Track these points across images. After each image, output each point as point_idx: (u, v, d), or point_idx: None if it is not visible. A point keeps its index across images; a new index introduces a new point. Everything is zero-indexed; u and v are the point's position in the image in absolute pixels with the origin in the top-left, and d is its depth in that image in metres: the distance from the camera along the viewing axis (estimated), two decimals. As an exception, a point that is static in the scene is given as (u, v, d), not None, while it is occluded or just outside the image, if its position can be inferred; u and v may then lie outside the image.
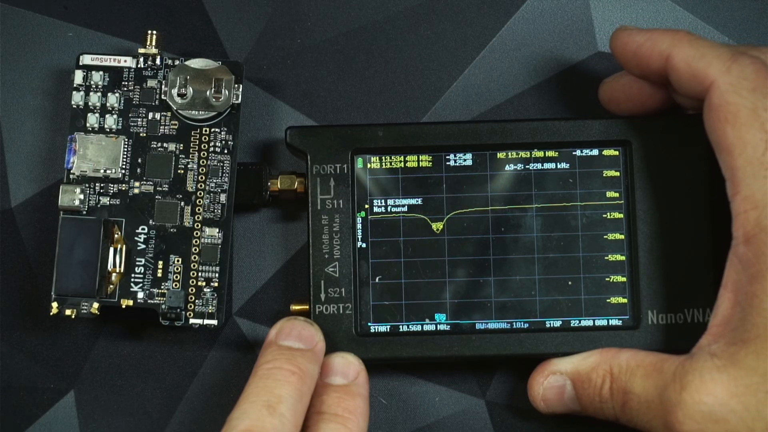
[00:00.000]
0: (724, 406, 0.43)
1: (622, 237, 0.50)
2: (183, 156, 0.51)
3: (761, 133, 0.43)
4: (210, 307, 0.50)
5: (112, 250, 0.50)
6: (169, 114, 0.51)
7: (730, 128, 0.44)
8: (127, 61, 0.51)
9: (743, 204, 0.44)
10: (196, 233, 0.50)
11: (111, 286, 0.50)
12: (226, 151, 0.51)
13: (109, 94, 0.51)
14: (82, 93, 0.51)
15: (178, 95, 0.51)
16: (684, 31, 0.47)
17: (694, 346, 0.45)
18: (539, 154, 0.51)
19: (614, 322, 0.50)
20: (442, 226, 0.51)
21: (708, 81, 0.45)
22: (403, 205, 0.51)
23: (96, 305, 0.49)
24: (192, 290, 0.50)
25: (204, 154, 0.51)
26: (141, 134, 0.51)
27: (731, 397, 0.43)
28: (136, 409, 0.53)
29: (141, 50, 0.51)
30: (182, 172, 0.51)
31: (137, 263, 0.50)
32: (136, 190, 0.51)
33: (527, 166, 0.51)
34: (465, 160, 0.51)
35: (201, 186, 0.51)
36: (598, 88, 0.51)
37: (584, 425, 0.50)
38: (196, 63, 0.51)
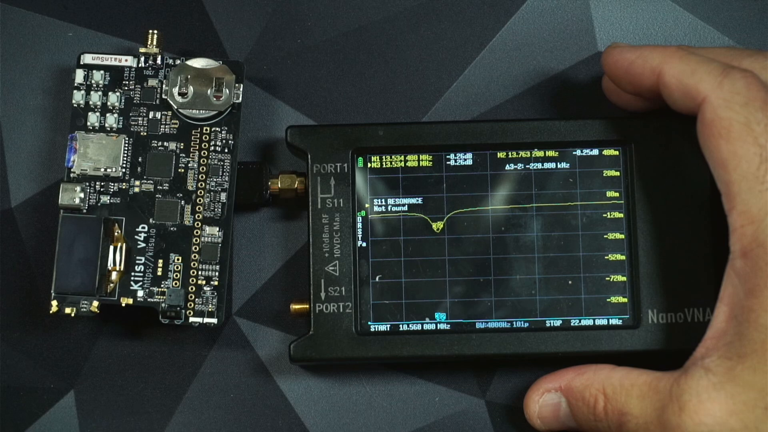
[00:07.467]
0: (724, 425, 0.42)
1: (622, 237, 0.50)
2: (183, 155, 0.51)
3: (755, 147, 0.43)
4: (210, 306, 0.50)
5: (112, 248, 0.50)
6: (169, 113, 0.51)
7: (723, 143, 0.44)
8: (128, 61, 0.51)
9: (740, 219, 0.44)
10: (197, 232, 0.50)
11: (111, 285, 0.50)
12: (226, 151, 0.51)
13: (109, 93, 0.51)
14: (83, 92, 0.51)
15: (179, 94, 0.51)
16: (675, 47, 0.47)
17: (693, 347, 0.45)
18: (539, 153, 0.51)
19: (614, 321, 0.50)
20: (442, 226, 0.51)
21: (700, 97, 0.45)
22: (404, 205, 0.51)
23: (96, 303, 0.49)
24: (192, 289, 0.50)
25: (204, 153, 0.51)
26: (142, 133, 0.51)
27: (730, 415, 0.42)
28: (136, 409, 0.52)
29: (142, 49, 0.51)
30: (183, 171, 0.51)
31: (137, 262, 0.50)
32: (137, 189, 0.51)
33: (527, 166, 0.51)
34: (465, 159, 0.51)
35: (201, 185, 0.51)
36: (602, 79, 0.51)
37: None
38: (196, 62, 0.51)
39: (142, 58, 0.51)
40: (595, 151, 0.51)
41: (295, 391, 0.53)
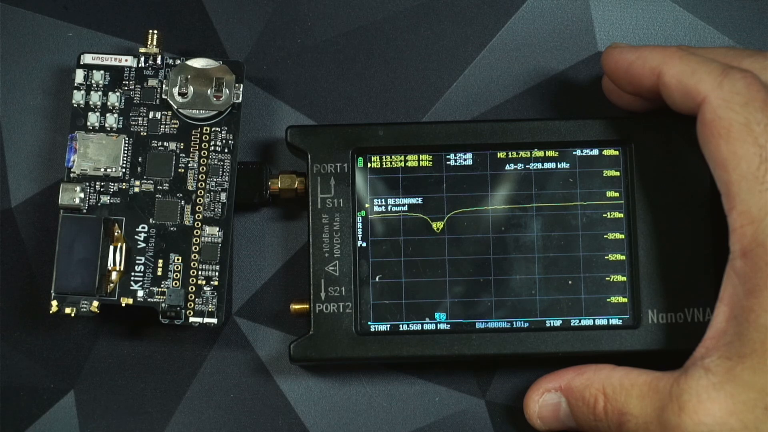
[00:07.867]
0: (723, 425, 0.42)
1: (622, 237, 0.50)
2: (183, 155, 0.51)
3: (755, 147, 0.43)
4: (210, 306, 0.50)
5: (112, 248, 0.50)
6: (169, 113, 0.51)
7: (723, 143, 0.44)
8: (128, 61, 0.51)
9: (739, 219, 0.44)
10: (197, 232, 0.50)
11: (111, 285, 0.50)
12: (226, 151, 0.51)
13: (109, 93, 0.51)
14: (83, 92, 0.51)
15: (179, 94, 0.51)
16: (675, 47, 0.47)
17: (693, 347, 0.45)
18: (539, 153, 0.51)
19: (614, 321, 0.50)
20: (442, 226, 0.51)
21: (700, 97, 0.45)
22: (404, 205, 0.51)
23: (96, 303, 0.49)
24: (192, 289, 0.50)
25: (204, 153, 0.51)
26: (142, 133, 0.51)
27: (729, 415, 0.42)
28: (136, 409, 0.52)
29: (142, 49, 0.51)
30: (183, 171, 0.51)
31: (137, 262, 0.50)
32: (137, 189, 0.51)
33: (527, 166, 0.51)
34: (465, 159, 0.51)
35: (201, 185, 0.51)
36: (602, 79, 0.51)
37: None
38: (197, 62, 0.51)
39: (142, 58, 0.51)
40: (595, 151, 0.51)
41: (295, 391, 0.53)
